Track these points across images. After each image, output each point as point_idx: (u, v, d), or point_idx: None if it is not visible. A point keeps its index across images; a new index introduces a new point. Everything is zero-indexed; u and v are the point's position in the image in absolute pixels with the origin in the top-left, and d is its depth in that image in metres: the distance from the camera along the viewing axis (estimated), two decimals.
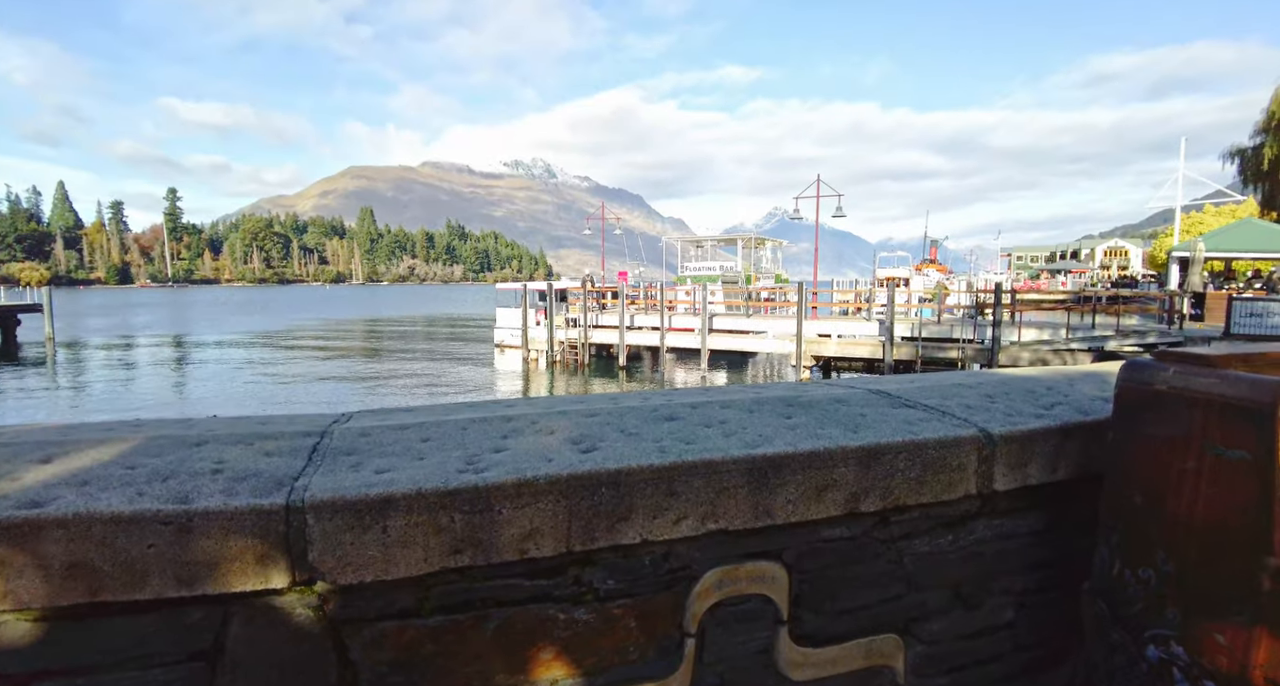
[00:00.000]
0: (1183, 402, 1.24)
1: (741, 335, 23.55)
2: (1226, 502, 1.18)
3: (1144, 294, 27.16)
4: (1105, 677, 1.38)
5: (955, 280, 35.11)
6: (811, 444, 1.30)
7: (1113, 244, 65.78)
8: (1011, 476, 1.46)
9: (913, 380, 1.93)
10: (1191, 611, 1.23)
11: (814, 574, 1.36)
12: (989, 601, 1.54)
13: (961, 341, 19.14)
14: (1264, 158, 36.18)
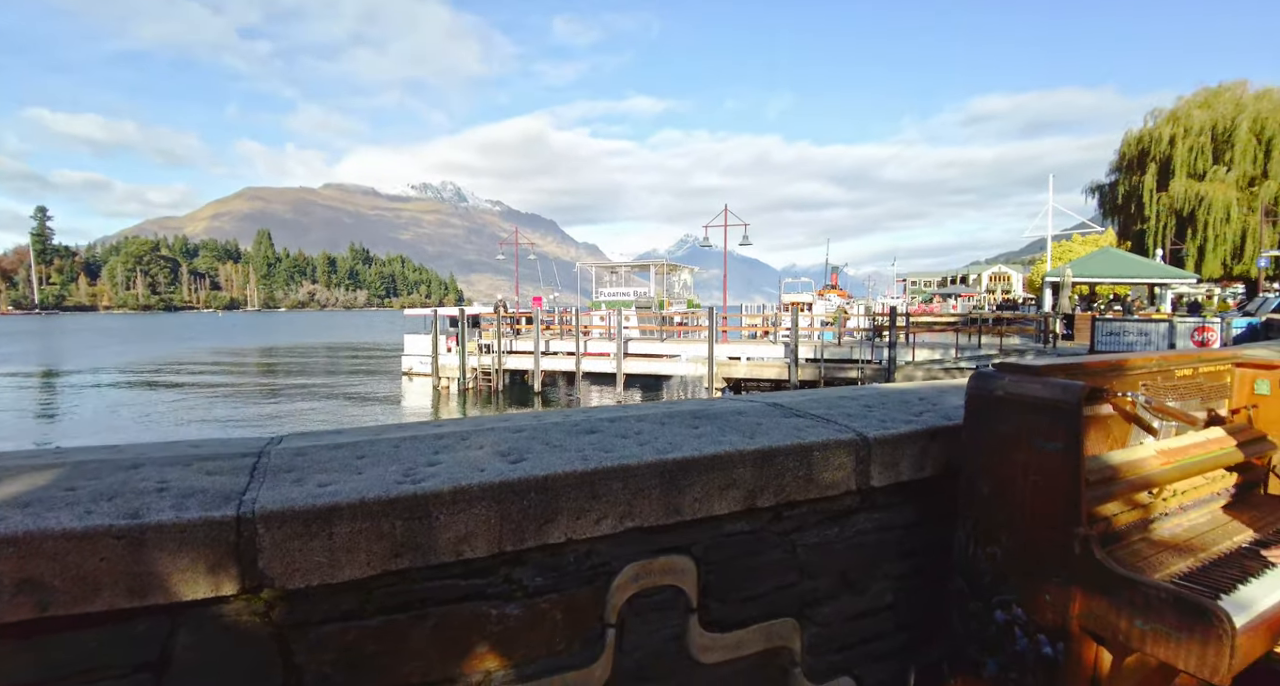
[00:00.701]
0: (1016, 405, 1.51)
1: (656, 359, 23.96)
2: (1049, 486, 1.44)
3: (1024, 315, 29.57)
4: (966, 642, 1.61)
5: (855, 304, 37.01)
6: (715, 448, 1.48)
7: (997, 270, 71.18)
8: (886, 474, 1.69)
9: (804, 394, 2.17)
10: (1027, 578, 1.48)
11: (719, 565, 1.53)
12: (873, 586, 1.76)
13: (861, 362, 20.23)
14: (1118, 193, 40.41)
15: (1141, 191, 38.23)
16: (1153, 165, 38.02)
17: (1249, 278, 33.34)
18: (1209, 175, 36.13)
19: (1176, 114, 37.92)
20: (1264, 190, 34.17)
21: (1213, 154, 36.26)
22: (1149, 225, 37.67)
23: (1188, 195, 35.97)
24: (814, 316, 28.83)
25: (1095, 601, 1.38)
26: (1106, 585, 1.36)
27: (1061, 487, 1.42)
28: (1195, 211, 35.79)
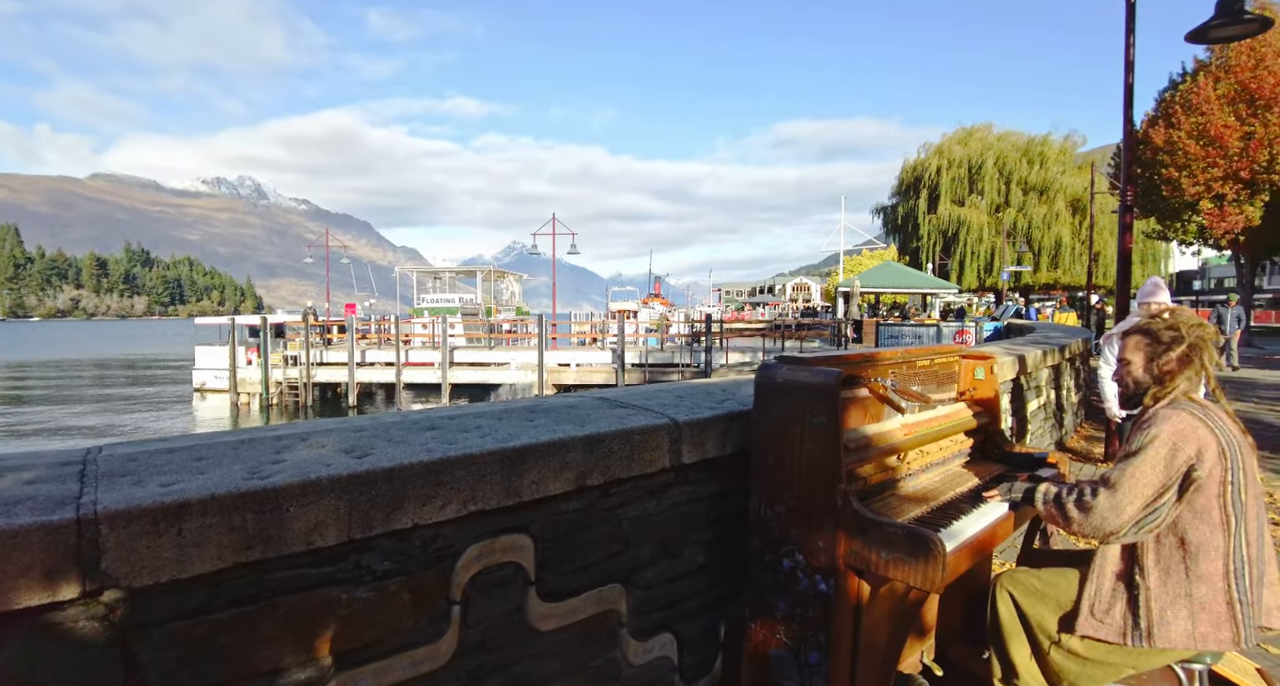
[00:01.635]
0: (791, 390, 1.85)
1: (484, 367, 23.58)
2: (818, 454, 1.79)
3: (821, 321, 32.80)
4: (763, 590, 1.93)
5: (676, 312, 38.91)
6: (550, 436, 1.66)
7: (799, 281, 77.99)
8: (695, 452, 1.97)
9: (629, 390, 2.42)
10: (805, 530, 1.82)
11: (555, 541, 1.71)
12: (686, 551, 2.03)
13: (681, 366, 21.39)
14: (898, 214, 46.15)
15: (916, 214, 44.02)
16: (924, 191, 43.95)
17: (997, 288, 39.55)
18: (967, 202, 42.47)
19: (941, 148, 44.18)
20: (1006, 216, 40.78)
21: (969, 184, 42.67)
22: (922, 243, 43.43)
23: (951, 218, 42.02)
24: (639, 323, 29.93)
25: (855, 543, 1.74)
26: (863, 529, 1.72)
27: (827, 454, 1.78)
28: (957, 232, 41.87)
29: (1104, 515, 1.78)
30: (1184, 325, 1.93)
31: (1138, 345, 2.00)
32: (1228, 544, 1.79)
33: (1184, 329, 1.92)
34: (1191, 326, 1.93)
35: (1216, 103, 21.57)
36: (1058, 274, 40.07)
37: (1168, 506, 1.77)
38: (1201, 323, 1.98)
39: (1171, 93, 24.03)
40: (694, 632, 2.06)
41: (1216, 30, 5.23)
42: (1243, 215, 21.59)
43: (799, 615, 1.85)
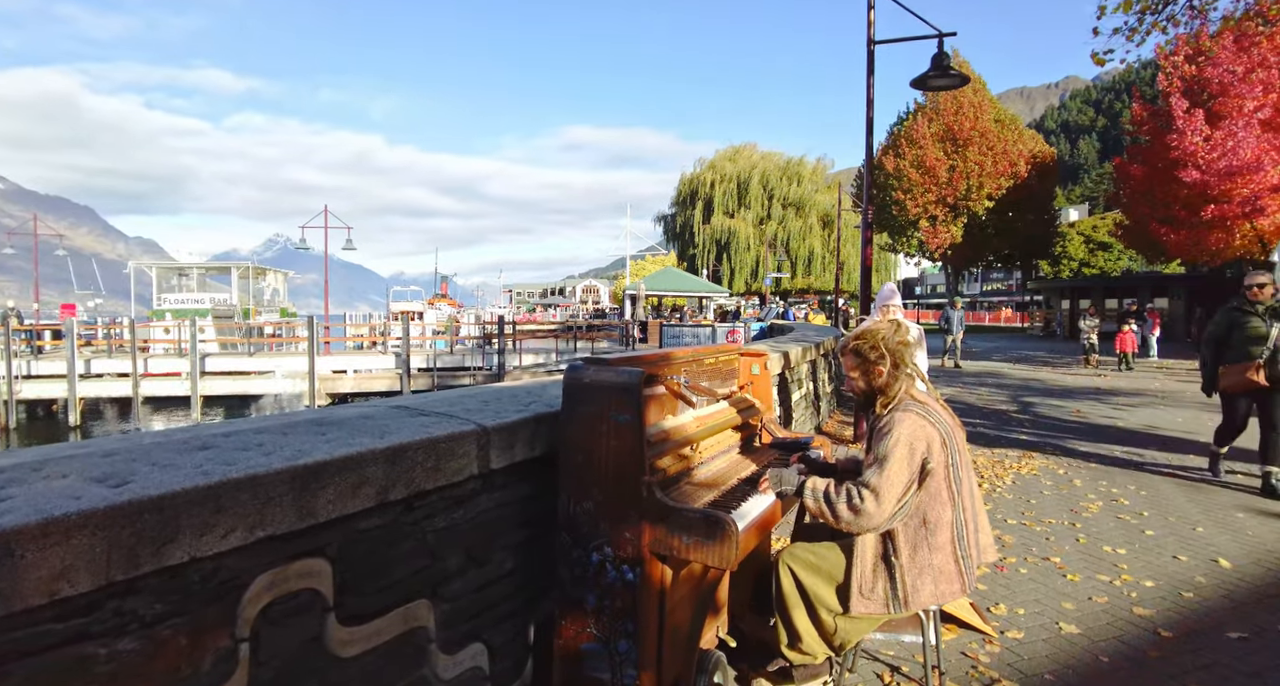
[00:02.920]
0: (598, 390, 1.92)
1: (243, 376, 21.02)
2: (624, 449, 1.88)
3: (610, 323, 33.88)
4: (572, 586, 1.98)
5: (465, 313, 37.84)
6: (347, 450, 1.56)
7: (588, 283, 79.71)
8: (504, 457, 1.96)
9: (427, 396, 2.34)
10: (613, 523, 1.90)
11: (355, 561, 1.61)
12: (495, 557, 2.01)
13: (473, 369, 20.86)
14: (677, 223, 49.12)
15: (693, 223, 47.20)
16: (700, 203, 47.28)
17: (761, 292, 43.74)
18: (737, 214, 46.41)
19: (714, 164, 47.85)
20: (769, 228, 45.24)
21: (739, 198, 46.68)
22: (699, 250, 46.69)
23: (723, 229, 45.66)
24: (425, 325, 28.63)
25: (659, 530, 1.85)
26: (665, 517, 1.84)
27: (632, 449, 1.87)
28: (729, 241, 45.61)
29: (871, 515, 2.07)
30: (882, 341, 2.29)
31: (853, 364, 2.35)
32: (954, 515, 2.18)
33: (883, 344, 2.28)
34: (888, 338, 2.29)
35: (930, 139, 25.98)
36: (811, 280, 45.32)
37: (912, 495, 2.12)
38: (896, 329, 2.34)
39: (898, 127, 28.57)
40: (504, 638, 2.04)
41: (932, 80, 6.35)
42: (950, 233, 26.21)
43: (608, 606, 1.92)
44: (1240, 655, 2.77)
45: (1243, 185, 14.96)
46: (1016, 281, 42.78)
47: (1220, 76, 15.98)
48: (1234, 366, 5.08)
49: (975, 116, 25.68)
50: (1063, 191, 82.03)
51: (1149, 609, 3.20)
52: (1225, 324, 5.25)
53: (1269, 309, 5.05)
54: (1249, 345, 5.01)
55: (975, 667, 2.67)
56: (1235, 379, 5.08)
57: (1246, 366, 4.96)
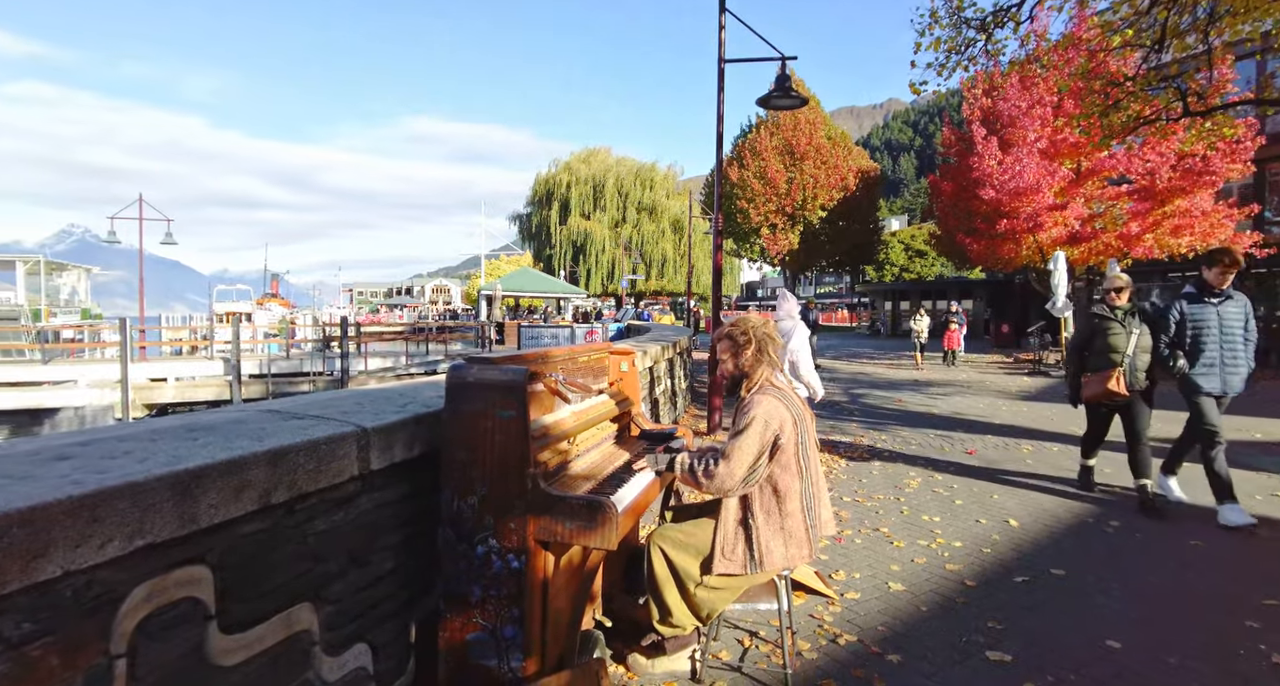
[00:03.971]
0: (483, 388, 1.99)
1: (35, 388, 18.30)
2: (509, 445, 1.96)
3: (464, 324, 33.00)
4: (457, 580, 2.03)
5: (301, 314, 35.25)
6: (228, 454, 1.53)
7: (438, 282, 76.88)
8: (384, 457, 1.98)
9: (296, 400, 2.28)
10: (499, 515, 1.98)
11: (237, 567, 1.58)
12: (376, 558, 2.02)
13: (313, 374, 19.55)
14: (533, 223, 48.69)
15: (549, 224, 47.03)
16: (556, 204, 47.20)
17: (617, 294, 44.52)
18: (593, 216, 46.83)
19: (570, 165, 47.96)
20: (624, 231, 46.09)
21: (594, 200, 47.10)
22: (555, 251, 46.61)
23: (579, 230, 45.91)
24: (256, 327, 26.41)
25: (543, 519, 1.96)
26: (549, 506, 1.95)
27: (517, 444, 1.97)
28: (585, 243, 45.92)
29: (724, 478, 2.32)
30: (752, 329, 2.59)
31: (725, 348, 2.63)
32: (802, 486, 2.47)
33: (753, 332, 2.58)
34: (758, 327, 2.61)
35: (771, 152, 27.75)
36: (664, 282, 46.76)
37: (763, 465, 2.38)
38: (765, 322, 2.67)
39: (743, 139, 30.23)
40: (388, 637, 2.06)
41: (776, 100, 6.90)
42: (789, 240, 28.15)
43: (494, 595, 2.00)
44: (1022, 594, 3.34)
45: (1026, 204, 17.42)
46: (846, 285, 46.73)
47: (1009, 110, 18.52)
48: (1096, 375, 4.81)
49: (811, 133, 27.85)
50: (886, 203, 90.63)
51: (957, 564, 3.75)
52: (1087, 331, 4.95)
53: (1127, 313, 4.79)
54: (1110, 352, 4.75)
55: (821, 626, 3.01)
56: (1097, 389, 4.81)
57: (1107, 375, 4.72)
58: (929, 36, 8.86)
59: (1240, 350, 4.45)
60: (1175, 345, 4.60)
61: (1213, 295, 4.51)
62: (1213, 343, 4.47)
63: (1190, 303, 4.58)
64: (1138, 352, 4.71)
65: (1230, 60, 15.19)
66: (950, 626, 3.02)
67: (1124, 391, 4.69)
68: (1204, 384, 4.45)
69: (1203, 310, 4.52)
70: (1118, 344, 4.71)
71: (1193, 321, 4.53)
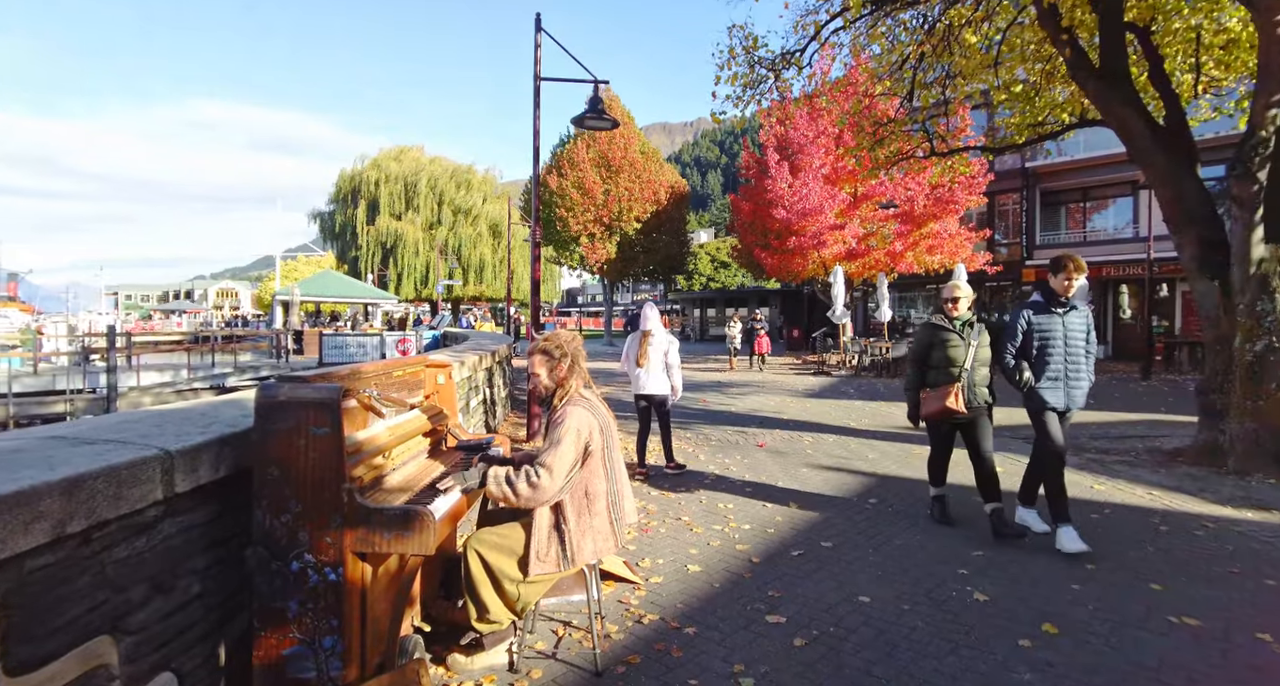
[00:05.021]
0: (295, 405, 2.04)
1: None
2: (323, 460, 2.03)
3: (256, 332, 30.06)
4: (271, 597, 2.05)
5: (51, 322, 30.13)
6: (16, 485, 1.48)
7: (224, 285, 69.09)
8: (189, 480, 1.95)
9: (83, 423, 2.15)
10: (314, 530, 2.04)
11: (25, 604, 1.52)
12: (181, 583, 1.99)
13: (69, 392, 16.84)
14: (337, 222, 45.51)
15: (355, 223, 44.25)
16: (364, 202, 44.52)
17: (432, 299, 42.99)
18: (405, 217, 44.78)
19: (379, 162, 45.48)
20: (440, 233, 44.62)
21: (406, 200, 45.07)
22: (362, 252, 43.94)
23: (389, 231, 43.68)
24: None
25: (360, 531, 2.04)
26: (366, 517, 2.04)
27: (331, 459, 2.04)
28: (396, 245, 43.78)
29: (545, 488, 2.52)
30: (565, 343, 2.84)
31: (539, 362, 2.85)
32: (608, 487, 2.74)
33: (565, 346, 2.83)
34: (570, 342, 2.86)
35: (588, 163, 28.46)
36: (483, 287, 45.89)
37: (576, 472, 2.63)
38: (575, 336, 2.93)
39: (561, 149, 30.68)
40: (196, 663, 2.02)
41: (589, 120, 7.27)
42: (606, 250, 29.02)
43: (311, 609, 2.05)
44: (798, 565, 3.91)
45: (812, 223, 19.60)
46: (660, 292, 49.06)
47: (798, 138, 20.73)
48: (935, 392, 4.46)
49: (625, 147, 28.99)
50: (695, 216, 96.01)
51: (746, 544, 4.28)
52: (925, 342, 4.57)
53: (966, 323, 4.49)
54: (948, 366, 4.44)
55: (628, 610, 3.33)
56: (935, 406, 4.43)
57: (945, 391, 4.37)
58: (728, 71, 9.77)
59: (1083, 363, 4.27)
60: (1022, 357, 4.33)
61: (1059, 304, 4.27)
62: (1058, 355, 4.23)
63: (1036, 312, 4.31)
64: (976, 366, 4.43)
65: (967, 110, 18.29)
66: (738, 598, 3.47)
67: (963, 409, 4.34)
68: (1049, 398, 4.22)
69: (1049, 320, 4.26)
70: (956, 357, 4.41)
71: (1039, 332, 4.27)
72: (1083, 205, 23.62)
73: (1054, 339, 4.25)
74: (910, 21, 9.44)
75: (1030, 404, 4.32)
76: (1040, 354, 4.27)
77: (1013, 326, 4.37)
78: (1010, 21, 8.67)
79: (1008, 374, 4.35)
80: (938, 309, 4.68)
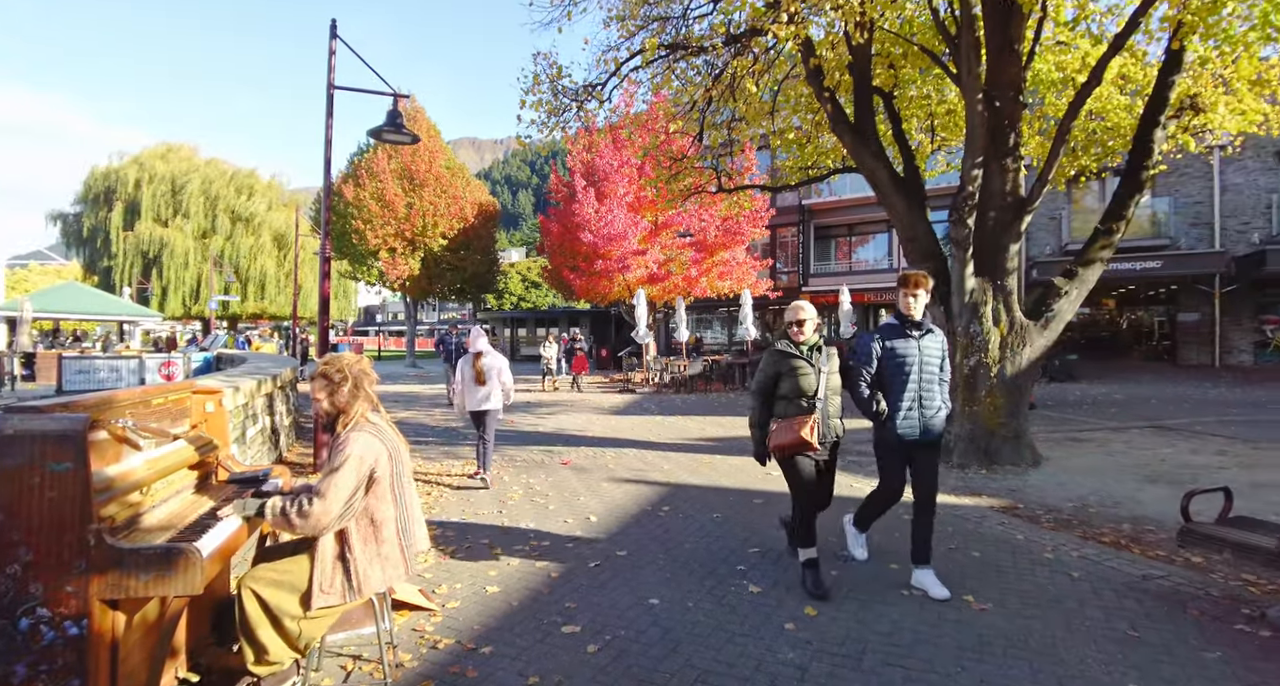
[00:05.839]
0: (27, 438, 1.82)
1: None
2: (64, 499, 1.84)
3: None
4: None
5: None
6: None
7: None
8: None
9: None
10: (51, 579, 1.83)
11: None
12: None
13: None
14: (85, 226, 38.98)
15: (110, 228, 38.21)
16: (120, 204, 38.59)
17: (205, 317, 38.27)
18: (173, 223, 39.44)
19: (142, 160, 39.72)
20: (214, 243, 39.91)
21: (174, 204, 39.75)
22: (118, 262, 38.02)
23: (153, 238, 38.24)
24: None
25: (112, 575, 1.86)
26: (119, 560, 1.87)
27: (75, 498, 1.85)
28: (160, 254, 38.39)
29: (320, 517, 2.44)
30: (347, 366, 2.77)
31: (320, 387, 2.74)
32: (397, 512, 2.71)
33: (348, 369, 2.76)
34: (352, 365, 2.79)
35: (390, 174, 27.18)
36: (265, 304, 41.66)
37: (359, 498, 2.57)
38: (360, 360, 2.85)
39: (360, 157, 28.99)
40: None
41: (387, 134, 7.03)
42: (409, 266, 27.80)
43: (46, 671, 1.83)
44: (595, 576, 4.09)
45: (617, 248, 20.43)
46: (469, 312, 47.90)
47: (604, 166, 21.54)
48: (784, 422, 3.87)
49: (430, 160, 28.07)
50: (506, 235, 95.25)
51: (547, 561, 4.39)
52: (772, 371, 3.99)
53: (814, 348, 3.96)
54: (799, 397, 3.89)
55: (422, 637, 3.28)
56: (786, 437, 3.82)
57: (800, 421, 3.80)
58: (532, 97, 9.96)
59: (937, 391, 3.96)
60: (876, 385, 3.98)
61: (914, 327, 3.95)
62: (913, 382, 3.90)
63: (891, 336, 3.97)
64: (829, 396, 3.95)
65: (753, 150, 20.22)
66: (535, 613, 3.57)
67: (816, 444, 3.79)
68: (904, 429, 3.90)
69: (905, 344, 3.93)
70: (808, 386, 3.87)
71: (893, 357, 3.93)
72: (849, 239, 27.04)
73: (909, 364, 3.91)
74: (701, 66, 10.33)
75: (880, 435, 4.03)
76: (894, 381, 3.93)
77: (865, 352, 4.00)
78: (785, 75, 9.81)
79: (862, 405, 3.98)
80: (782, 334, 4.10)
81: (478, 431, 6.97)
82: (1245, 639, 3.25)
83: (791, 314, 4.02)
